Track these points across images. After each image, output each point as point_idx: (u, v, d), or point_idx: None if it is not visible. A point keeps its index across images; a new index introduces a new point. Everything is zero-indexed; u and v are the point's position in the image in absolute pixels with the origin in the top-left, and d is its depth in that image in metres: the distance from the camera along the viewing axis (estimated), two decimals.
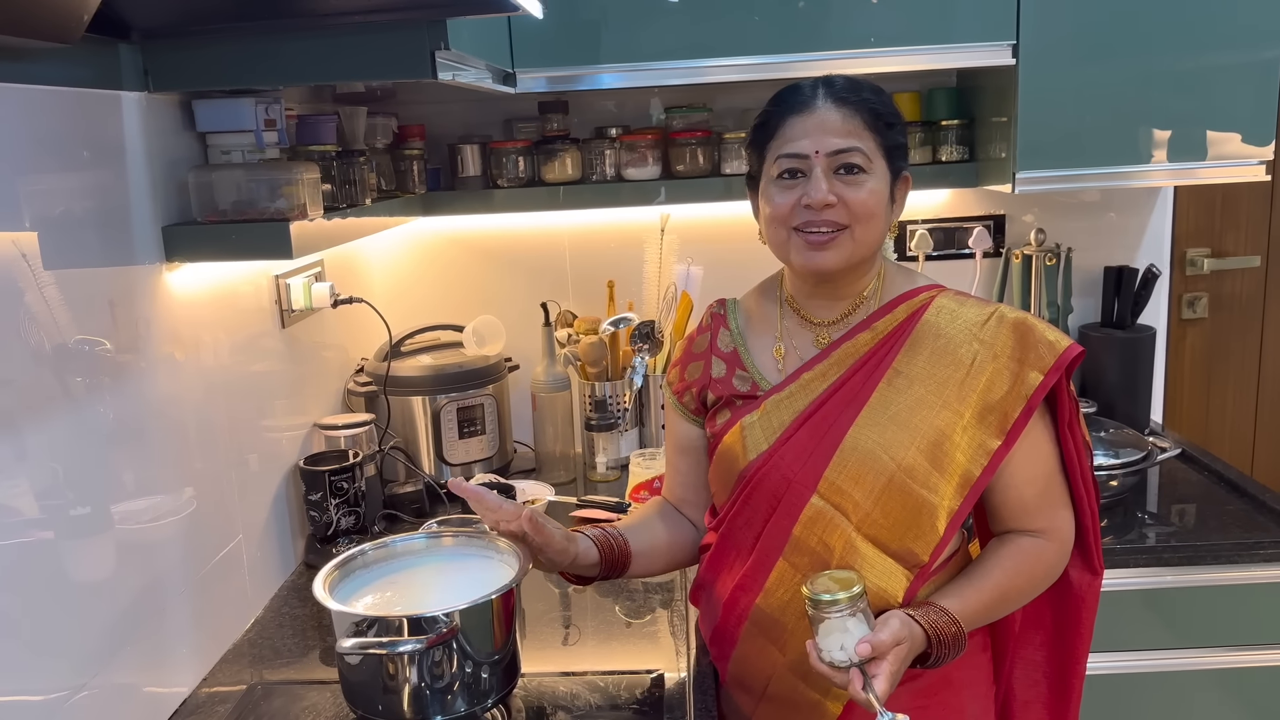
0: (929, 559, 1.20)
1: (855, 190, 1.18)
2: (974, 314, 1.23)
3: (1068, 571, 1.30)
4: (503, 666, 1.19)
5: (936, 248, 2.25)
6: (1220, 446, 2.50)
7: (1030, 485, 1.23)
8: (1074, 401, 1.23)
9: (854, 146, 1.18)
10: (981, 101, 2.06)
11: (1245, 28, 1.82)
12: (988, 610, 1.23)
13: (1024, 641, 1.35)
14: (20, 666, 1.04)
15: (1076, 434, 1.24)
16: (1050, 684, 1.36)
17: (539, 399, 2.15)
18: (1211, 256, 2.41)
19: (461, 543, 1.31)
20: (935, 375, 1.21)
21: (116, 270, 1.26)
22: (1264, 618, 1.73)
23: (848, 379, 1.24)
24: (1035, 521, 1.24)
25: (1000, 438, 1.19)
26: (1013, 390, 1.19)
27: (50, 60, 1.14)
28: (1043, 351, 1.19)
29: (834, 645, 1.09)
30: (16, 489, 1.05)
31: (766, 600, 1.25)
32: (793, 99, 1.22)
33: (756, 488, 1.26)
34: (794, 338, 1.30)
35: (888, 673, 1.08)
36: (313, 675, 1.40)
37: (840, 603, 1.08)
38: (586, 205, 2.14)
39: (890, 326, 1.25)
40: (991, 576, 1.22)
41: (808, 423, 1.24)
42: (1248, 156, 1.87)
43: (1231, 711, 1.77)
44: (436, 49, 1.28)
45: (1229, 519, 1.80)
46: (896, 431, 1.20)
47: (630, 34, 1.84)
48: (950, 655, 1.16)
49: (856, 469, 1.20)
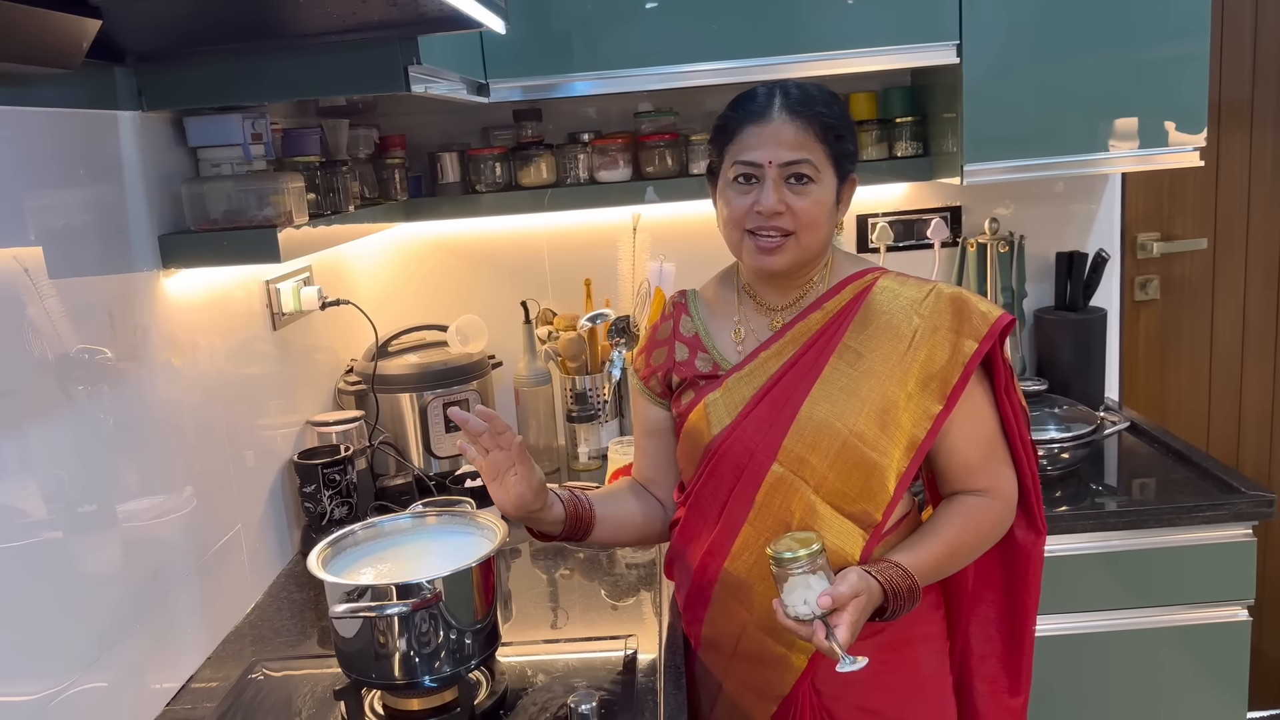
0: (882, 518, 1.30)
1: (802, 199, 1.29)
2: (914, 292, 1.34)
3: (1014, 532, 1.40)
4: (485, 632, 1.29)
5: (897, 239, 2.35)
6: (1176, 421, 2.61)
7: (974, 447, 1.34)
8: (1008, 368, 1.34)
9: (804, 159, 1.28)
10: (933, 99, 2.16)
11: (1174, 24, 1.93)
12: (939, 565, 1.32)
13: (978, 599, 1.46)
14: (39, 649, 1.14)
15: (1014, 398, 1.35)
16: (1004, 638, 1.46)
17: (522, 393, 2.25)
18: (1161, 240, 2.52)
19: (445, 521, 1.41)
20: (881, 349, 1.31)
21: (117, 278, 1.35)
22: (1204, 576, 1.84)
23: (801, 355, 1.34)
24: (980, 481, 1.35)
25: (941, 402, 1.30)
26: (951, 359, 1.30)
27: (51, 84, 1.23)
28: (977, 322, 1.30)
29: (798, 600, 1.19)
30: (25, 491, 1.13)
31: (734, 563, 1.35)
32: (750, 106, 1.31)
33: (721, 460, 1.36)
34: (751, 321, 1.41)
35: (848, 622, 1.17)
36: (311, 652, 1.50)
37: (801, 560, 1.18)
38: (563, 208, 2.24)
39: (839, 306, 1.35)
40: (942, 534, 1.32)
41: (766, 397, 1.34)
42: (1183, 144, 1.98)
43: (1177, 665, 1.88)
44: (409, 64, 1.39)
45: (1174, 486, 1.91)
46: (847, 401, 1.30)
47: (600, 43, 1.94)
48: (906, 607, 1.26)
49: (813, 437, 1.30)
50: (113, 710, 1.26)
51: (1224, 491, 1.85)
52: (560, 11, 1.93)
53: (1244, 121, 2.49)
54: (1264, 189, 2.52)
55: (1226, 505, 1.81)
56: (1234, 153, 2.50)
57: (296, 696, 1.37)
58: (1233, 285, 2.56)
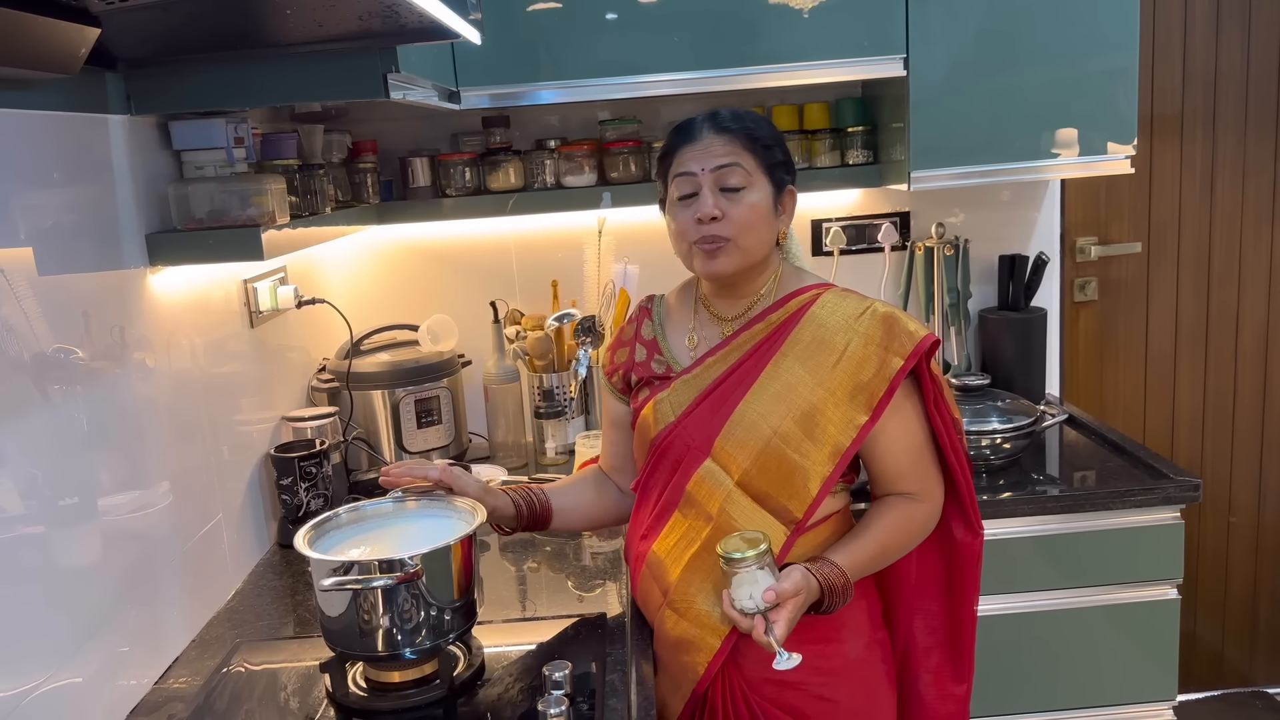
0: (803, 516, 1.40)
1: (737, 205, 1.40)
2: (852, 307, 1.44)
3: (952, 532, 1.52)
4: (463, 608, 1.36)
5: (849, 243, 2.46)
6: (1115, 416, 2.75)
7: (904, 454, 1.44)
8: (936, 383, 1.43)
9: (733, 163, 1.39)
10: (882, 109, 2.28)
11: (1106, 39, 2.06)
12: (872, 562, 1.44)
13: (920, 594, 1.56)
14: (30, 632, 1.19)
15: (943, 411, 1.45)
16: (947, 630, 1.57)
17: (491, 391, 2.32)
18: (1098, 244, 2.66)
19: (424, 505, 1.48)
20: (813, 358, 1.41)
21: (107, 274, 1.41)
22: (1136, 557, 1.96)
23: (743, 362, 1.45)
24: (909, 485, 1.45)
25: (867, 414, 1.40)
26: (878, 373, 1.39)
27: (46, 89, 1.29)
28: (904, 340, 1.40)
29: (744, 595, 1.30)
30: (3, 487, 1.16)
31: (660, 545, 1.47)
32: (686, 131, 1.44)
33: (664, 454, 1.48)
34: (705, 329, 1.52)
35: (786, 619, 1.29)
36: (291, 634, 1.56)
37: (749, 559, 1.29)
38: (531, 211, 2.32)
39: (782, 318, 1.46)
40: (874, 534, 1.43)
41: (708, 399, 1.45)
42: (1115, 152, 2.11)
43: (1112, 642, 2.00)
44: (388, 72, 1.47)
45: (1108, 473, 2.03)
46: (775, 404, 1.41)
47: (566, 54, 2.03)
48: (840, 602, 1.38)
49: (741, 436, 1.41)
50: (102, 690, 1.32)
51: (1154, 478, 1.97)
52: (528, 23, 2.01)
53: (1175, 131, 2.64)
54: (1194, 195, 2.67)
55: (1156, 490, 1.93)
56: (1166, 161, 2.65)
57: (281, 673, 1.44)
58: (1166, 287, 2.71)
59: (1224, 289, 2.72)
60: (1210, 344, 2.74)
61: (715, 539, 1.37)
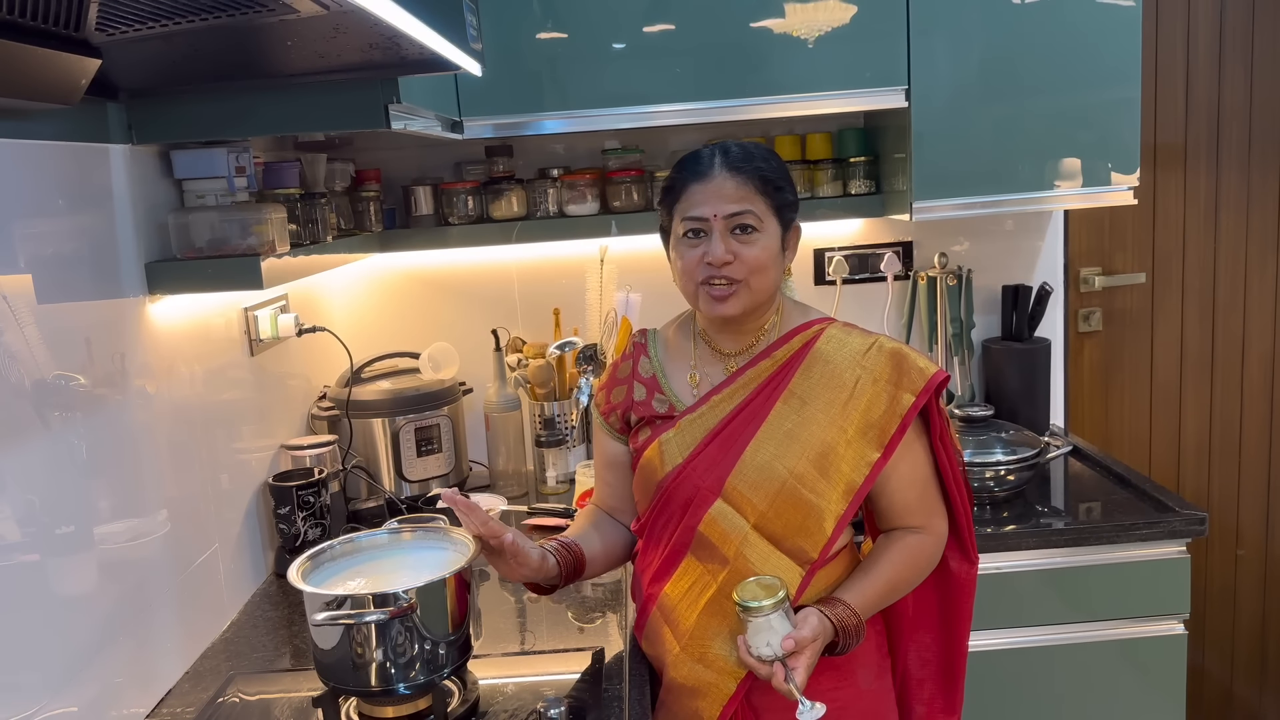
0: (818, 556, 1.39)
1: (749, 248, 1.37)
2: (858, 343, 1.42)
3: (948, 562, 1.50)
4: (458, 642, 1.35)
5: (852, 272, 2.46)
6: (1120, 448, 2.73)
7: (911, 489, 1.43)
8: (943, 418, 1.43)
9: (747, 210, 1.37)
10: (884, 140, 2.28)
11: (1109, 70, 2.06)
12: (881, 599, 1.42)
13: (916, 627, 1.55)
14: (24, 662, 1.18)
15: (948, 444, 1.44)
16: (940, 662, 1.55)
17: (492, 419, 2.31)
18: (1102, 274, 2.65)
19: (420, 537, 1.46)
20: (823, 396, 1.40)
21: (106, 304, 1.41)
22: (1141, 592, 1.94)
23: (751, 400, 1.43)
24: (915, 519, 1.44)
25: (880, 450, 1.38)
26: (889, 410, 1.38)
27: (47, 118, 1.30)
28: (915, 377, 1.39)
29: (761, 643, 1.28)
30: (11, 513, 1.17)
31: (673, 588, 1.44)
32: (694, 166, 1.40)
33: (672, 496, 1.45)
34: (706, 366, 1.49)
35: (805, 665, 1.27)
36: (286, 666, 1.55)
37: (766, 608, 1.27)
38: (534, 240, 2.32)
39: (788, 355, 1.44)
40: (882, 571, 1.42)
41: (716, 439, 1.43)
42: (1118, 183, 2.11)
43: (1118, 678, 1.97)
44: (390, 102, 1.47)
45: (1113, 506, 2.01)
46: (789, 444, 1.39)
47: (569, 83, 2.04)
48: (855, 642, 1.36)
49: (754, 477, 1.39)
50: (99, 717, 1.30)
51: (1160, 511, 1.95)
52: (532, 53, 2.02)
53: (1178, 162, 2.64)
54: (1198, 226, 2.67)
55: (1162, 523, 1.91)
56: (1169, 191, 2.65)
57: (275, 706, 1.42)
58: (1170, 317, 2.70)
59: (1229, 319, 2.70)
60: (1216, 374, 2.73)
61: (731, 583, 1.35)
